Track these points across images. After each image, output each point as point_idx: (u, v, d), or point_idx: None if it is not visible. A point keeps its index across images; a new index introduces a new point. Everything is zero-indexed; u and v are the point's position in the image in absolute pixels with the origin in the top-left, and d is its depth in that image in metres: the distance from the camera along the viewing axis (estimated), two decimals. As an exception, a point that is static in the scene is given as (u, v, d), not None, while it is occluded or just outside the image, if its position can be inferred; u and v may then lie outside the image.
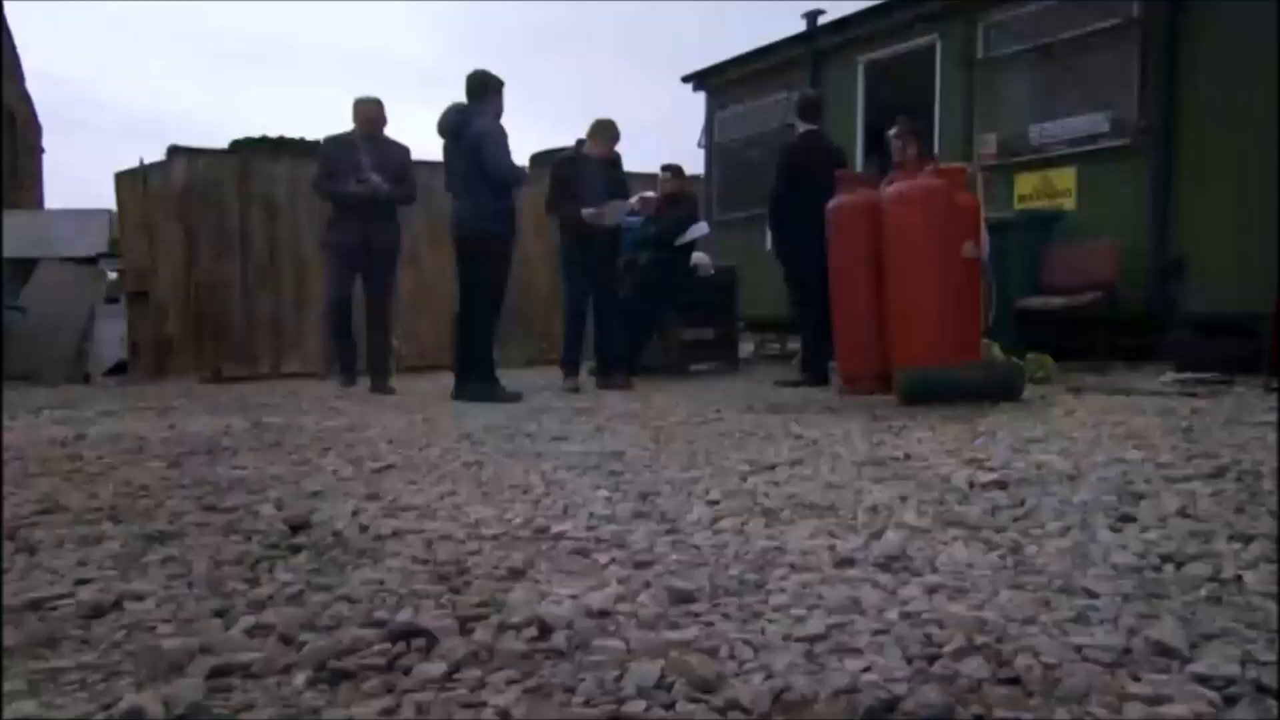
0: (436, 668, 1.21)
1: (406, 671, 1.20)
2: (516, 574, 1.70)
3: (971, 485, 2.43)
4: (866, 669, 1.17)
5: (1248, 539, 1.81)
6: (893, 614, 1.38)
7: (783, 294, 6.90)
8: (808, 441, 3.45)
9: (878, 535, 1.88)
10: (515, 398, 5.51)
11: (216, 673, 1.19)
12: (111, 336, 9.83)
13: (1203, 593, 1.48)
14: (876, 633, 1.30)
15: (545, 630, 1.34)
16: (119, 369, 9.68)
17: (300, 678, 1.18)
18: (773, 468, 2.84)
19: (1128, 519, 2.00)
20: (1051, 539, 1.85)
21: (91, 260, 10.86)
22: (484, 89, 5.50)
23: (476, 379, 5.57)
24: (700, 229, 7.38)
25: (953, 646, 1.22)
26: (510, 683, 1.17)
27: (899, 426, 3.84)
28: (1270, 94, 5.58)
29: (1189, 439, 3.12)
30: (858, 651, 1.24)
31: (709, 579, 1.61)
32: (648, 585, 1.57)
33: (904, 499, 2.29)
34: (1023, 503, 2.21)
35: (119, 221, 9.92)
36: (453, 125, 5.49)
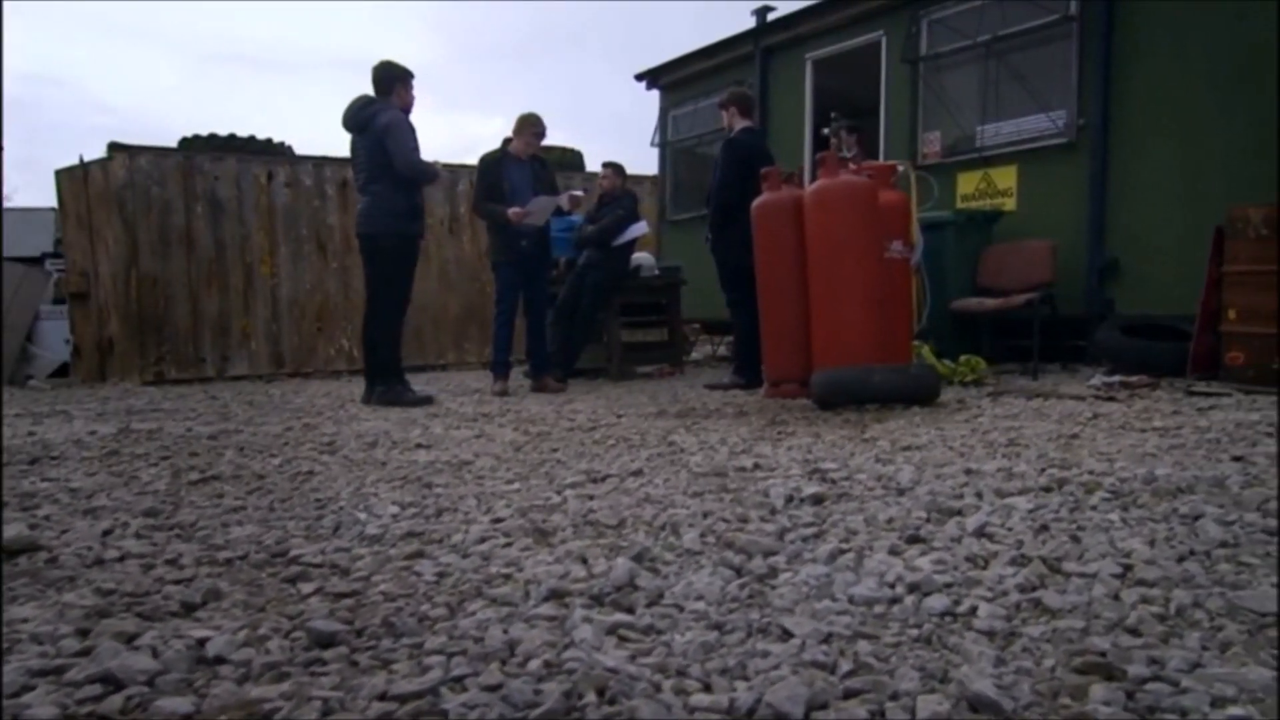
0: (-70, 735, 1.02)
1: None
2: (189, 609, 1.51)
3: (789, 500, 2.24)
4: (426, 738, 0.99)
5: (1025, 561, 1.62)
6: (536, 664, 1.19)
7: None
8: (676, 449, 3.26)
9: (622, 561, 1.69)
10: (424, 401, 5.33)
11: None
12: (57, 338, 9.66)
13: (917, 631, 1.30)
14: (490, 689, 1.11)
15: (117, 686, 1.15)
16: (64, 371, 9.51)
17: None
18: (604, 479, 2.66)
19: (916, 540, 1.82)
20: (814, 565, 1.66)
21: (37, 260, 10.67)
22: (389, 81, 5.30)
23: (384, 382, 5.39)
24: (639, 228, 7.20)
25: (542, 710, 1.03)
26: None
27: (787, 432, 3.66)
28: (1208, 90, 5.40)
29: (1064, 448, 2.94)
30: (441, 715, 1.05)
31: (386, 615, 1.43)
32: (306, 623, 1.39)
33: (705, 515, 2.11)
34: (824, 520, 2.02)
35: (61, 220, 9.75)
36: (358, 119, 5.29)
